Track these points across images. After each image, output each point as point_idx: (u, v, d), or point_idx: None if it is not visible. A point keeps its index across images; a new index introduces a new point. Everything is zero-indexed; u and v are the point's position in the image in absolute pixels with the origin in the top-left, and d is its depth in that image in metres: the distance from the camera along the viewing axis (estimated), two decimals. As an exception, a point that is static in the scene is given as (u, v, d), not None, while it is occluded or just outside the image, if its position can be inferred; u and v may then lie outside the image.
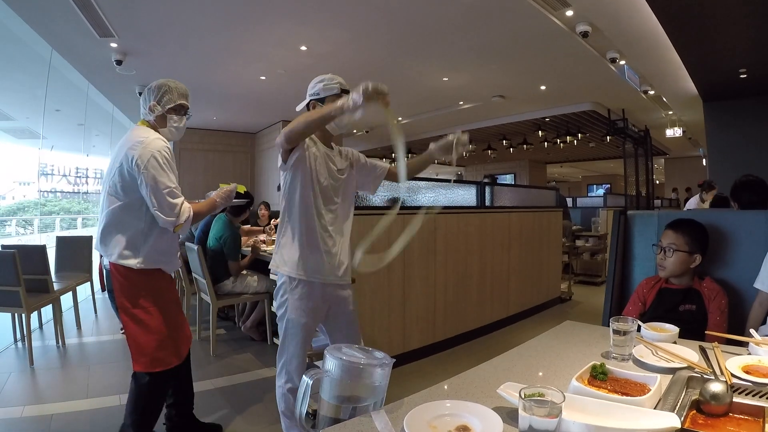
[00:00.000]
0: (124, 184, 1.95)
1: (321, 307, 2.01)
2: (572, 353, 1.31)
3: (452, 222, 4.07)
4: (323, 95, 1.97)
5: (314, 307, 1.97)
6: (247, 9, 4.39)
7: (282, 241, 1.98)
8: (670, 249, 1.81)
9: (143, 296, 2.03)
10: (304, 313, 1.95)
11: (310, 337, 2.04)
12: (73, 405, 2.81)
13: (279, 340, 2.02)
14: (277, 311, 2.00)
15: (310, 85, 2.03)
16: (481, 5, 4.35)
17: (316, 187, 1.94)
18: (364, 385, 1.00)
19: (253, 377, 3.33)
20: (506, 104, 8.36)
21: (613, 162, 14.90)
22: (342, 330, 2.10)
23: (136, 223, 1.99)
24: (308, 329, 1.99)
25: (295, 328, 1.95)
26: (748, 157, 6.70)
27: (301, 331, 1.96)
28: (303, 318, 1.95)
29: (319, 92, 1.98)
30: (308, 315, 1.96)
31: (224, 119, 9.46)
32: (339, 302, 2.06)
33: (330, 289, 2.01)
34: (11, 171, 10.21)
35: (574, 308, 5.79)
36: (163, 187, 1.92)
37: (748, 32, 4.58)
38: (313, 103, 1.99)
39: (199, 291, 4.06)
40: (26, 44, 5.25)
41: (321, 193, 1.95)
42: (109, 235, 1.99)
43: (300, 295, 1.94)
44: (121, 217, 1.98)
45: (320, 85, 1.98)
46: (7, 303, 3.39)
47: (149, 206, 1.95)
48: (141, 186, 1.92)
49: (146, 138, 1.96)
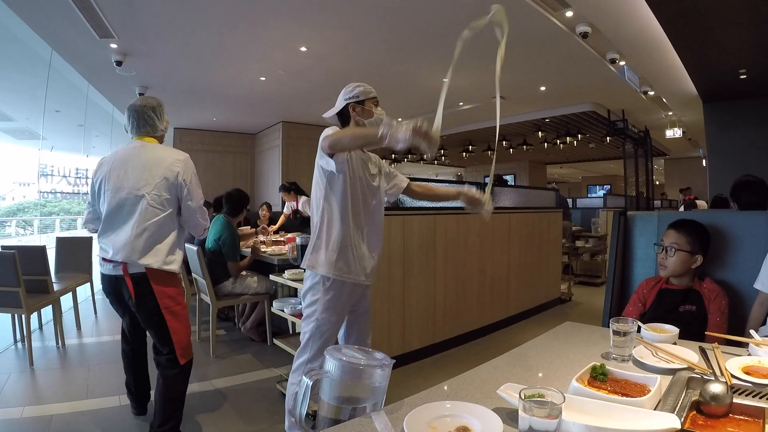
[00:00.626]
0: (168, 196, 2.20)
1: (347, 305, 2.08)
2: (572, 354, 1.31)
3: (452, 223, 4.07)
4: (363, 98, 2.06)
5: (342, 306, 2.05)
6: (247, 10, 4.39)
7: (317, 242, 2.03)
8: (672, 248, 1.81)
9: (179, 293, 2.29)
10: (335, 312, 2.02)
11: (334, 337, 2.10)
12: (73, 406, 2.81)
13: (302, 339, 2.07)
14: (305, 310, 2.06)
15: (344, 90, 2.10)
16: (481, 6, 4.32)
17: (356, 191, 2.01)
18: (364, 385, 1.00)
19: (253, 378, 3.33)
20: (506, 105, 8.35)
21: (613, 163, 14.89)
22: (360, 323, 2.21)
23: (174, 231, 2.26)
24: (336, 328, 2.08)
25: (325, 326, 2.01)
26: (748, 158, 6.69)
27: (329, 330, 2.03)
28: (333, 316, 2.02)
29: (359, 95, 2.06)
30: (338, 313, 2.04)
31: (224, 120, 9.46)
32: (360, 299, 2.16)
33: (358, 288, 2.09)
34: (11, 172, 10.22)
35: (574, 309, 5.79)
36: (200, 198, 2.32)
37: (747, 33, 4.58)
38: (353, 105, 2.06)
39: (199, 291, 4.06)
40: (26, 45, 5.25)
41: (360, 197, 2.03)
42: (153, 244, 2.17)
43: (333, 294, 2.00)
44: (165, 226, 2.21)
45: (360, 89, 2.07)
46: (7, 303, 3.39)
47: (189, 215, 2.29)
48: (185, 199, 2.25)
49: (183, 156, 2.28)
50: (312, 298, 2.02)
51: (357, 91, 2.05)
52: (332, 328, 2.03)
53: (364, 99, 2.05)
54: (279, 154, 9.60)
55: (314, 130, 9.33)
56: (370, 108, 2.05)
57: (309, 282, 2.05)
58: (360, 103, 2.05)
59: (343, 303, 2.03)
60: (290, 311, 3.04)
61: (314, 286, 2.02)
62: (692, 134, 10.34)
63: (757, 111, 6.81)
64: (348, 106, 2.06)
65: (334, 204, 1.99)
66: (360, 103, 2.05)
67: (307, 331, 2.03)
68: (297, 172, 9.09)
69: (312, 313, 2.02)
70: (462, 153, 13.18)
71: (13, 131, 8.88)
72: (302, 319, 2.08)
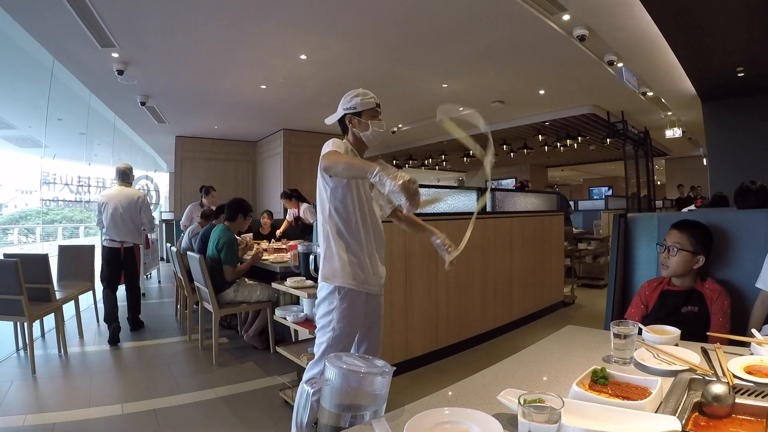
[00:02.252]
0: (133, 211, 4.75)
1: (362, 315, 2.03)
2: (573, 358, 1.31)
3: (453, 228, 4.04)
4: (360, 109, 1.99)
5: (358, 316, 2.00)
6: (247, 19, 4.42)
7: (327, 253, 1.98)
8: (674, 248, 1.81)
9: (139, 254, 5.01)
10: (350, 322, 1.96)
11: (349, 348, 2.04)
12: (75, 414, 2.80)
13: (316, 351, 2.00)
14: (320, 321, 1.99)
15: (344, 99, 2.03)
16: (479, 12, 4.37)
17: (362, 200, 1.98)
18: (364, 393, 1.00)
19: (255, 386, 3.32)
20: (506, 109, 8.37)
21: (613, 164, 14.87)
22: (373, 333, 2.15)
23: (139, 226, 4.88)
24: (351, 338, 2.02)
25: (341, 336, 1.95)
26: (748, 155, 6.70)
27: (345, 340, 1.97)
28: (349, 326, 1.96)
29: (356, 106, 1.99)
30: (354, 323, 1.98)
31: (225, 128, 9.49)
32: (375, 309, 2.11)
33: (372, 299, 2.06)
34: (13, 180, 10.25)
35: (577, 312, 5.77)
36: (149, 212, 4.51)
37: (744, 31, 4.59)
38: (350, 116, 2.01)
39: (202, 300, 4.06)
40: (28, 54, 5.29)
41: (366, 205, 2.00)
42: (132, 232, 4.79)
43: (349, 304, 1.95)
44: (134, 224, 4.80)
45: (357, 99, 1.99)
46: (10, 312, 3.40)
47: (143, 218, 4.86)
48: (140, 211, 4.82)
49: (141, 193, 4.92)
50: (327, 308, 1.96)
51: (354, 102, 1.99)
52: (348, 338, 1.97)
53: (361, 110, 1.99)
54: (280, 161, 9.63)
55: (315, 137, 9.39)
56: (367, 121, 1.99)
57: (324, 292, 1.99)
58: (357, 114, 2.00)
59: (359, 312, 1.99)
60: (292, 319, 3.03)
61: (329, 296, 1.96)
62: (692, 133, 10.34)
63: (756, 108, 6.82)
64: (345, 117, 2.02)
65: (343, 213, 1.96)
66: (357, 114, 2.00)
67: (324, 341, 1.96)
68: (298, 179, 9.11)
69: (328, 323, 1.95)
70: (463, 158, 13.20)
71: (16, 139, 8.92)
72: (317, 330, 2.01)
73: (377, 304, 2.12)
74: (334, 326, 1.94)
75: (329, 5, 4.22)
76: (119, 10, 4.16)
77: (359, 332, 2.09)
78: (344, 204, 1.95)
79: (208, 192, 6.25)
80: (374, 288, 2.03)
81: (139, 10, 4.18)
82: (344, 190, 1.94)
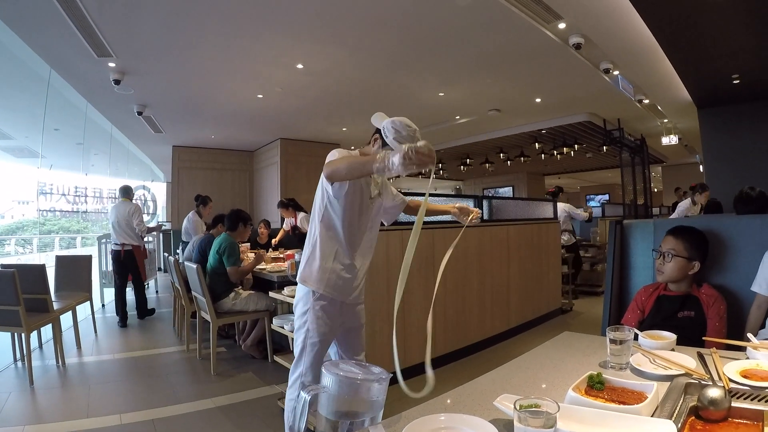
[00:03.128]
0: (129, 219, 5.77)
1: (338, 319, 2.07)
2: (570, 364, 1.31)
3: (451, 236, 4.07)
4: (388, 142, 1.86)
5: (333, 318, 2.04)
6: (244, 28, 4.44)
7: (310, 256, 2.04)
8: (669, 254, 1.82)
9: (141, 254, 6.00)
10: (325, 323, 2.01)
11: (326, 350, 2.08)
12: (73, 425, 2.79)
13: (295, 352, 2.06)
14: (296, 322, 2.05)
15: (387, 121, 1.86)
16: (475, 20, 4.41)
17: (353, 213, 1.99)
18: (361, 400, 1.00)
19: (253, 395, 3.31)
20: (502, 117, 8.40)
21: (610, 172, 14.91)
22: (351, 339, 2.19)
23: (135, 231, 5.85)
24: (327, 341, 2.06)
25: (315, 338, 2.00)
26: (744, 161, 6.73)
27: (320, 342, 2.01)
28: (323, 327, 2.01)
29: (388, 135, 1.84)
30: (328, 324, 2.02)
31: (222, 137, 9.49)
32: (352, 317, 2.15)
33: (348, 307, 2.10)
34: (10, 190, 10.23)
35: (575, 319, 5.77)
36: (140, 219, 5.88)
37: (739, 38, 4.63)
38: (377, 136, 1.97)
39: (199, 309, 4.05)
40: (25, 64, 5.30)
41: (356, 218, 2.01)
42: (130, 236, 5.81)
43: (322, 306, 2.00)
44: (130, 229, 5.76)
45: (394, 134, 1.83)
46: (7, 322, 3.39)
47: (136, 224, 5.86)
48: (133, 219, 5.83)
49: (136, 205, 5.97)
50: (303, 308, 2.02)
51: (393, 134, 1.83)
52: (323, 338, 2.01)
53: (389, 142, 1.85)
54: (277, 171, 9.62)
55: (313, 146, 9.41)
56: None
57: (300, 293, 2.06)
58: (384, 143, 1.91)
59: (333, 315, 2.03)
60: (290, 328, 3.02)
61: (304, 297, 2.03)
62: (688, 140, 10.38)
63: (752, 115, 6.85)
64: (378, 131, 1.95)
65: (330, 222, 1.99)
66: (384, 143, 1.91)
67: (299, 342, 2.03)
68: (296, 188, 9.11)
69: (303, 324, 2.02)
70: (459, 166, 13.21)
71: (12, 149, 8.92)
72: (294, 331, 2.07)
73: (355, 312, 2.16)
74: (308, 327, 2.00)
75: (325, 15, 4.25)
76: (116, 20, 4.18)
77: (336, 337, 2.14)
78: (335, 212, 1.98)
79: (205, 202, 6.24)
80: (350, 297, 2.07)
81: (136, 20, 4.20)
82: (344, 202, 1.96)
